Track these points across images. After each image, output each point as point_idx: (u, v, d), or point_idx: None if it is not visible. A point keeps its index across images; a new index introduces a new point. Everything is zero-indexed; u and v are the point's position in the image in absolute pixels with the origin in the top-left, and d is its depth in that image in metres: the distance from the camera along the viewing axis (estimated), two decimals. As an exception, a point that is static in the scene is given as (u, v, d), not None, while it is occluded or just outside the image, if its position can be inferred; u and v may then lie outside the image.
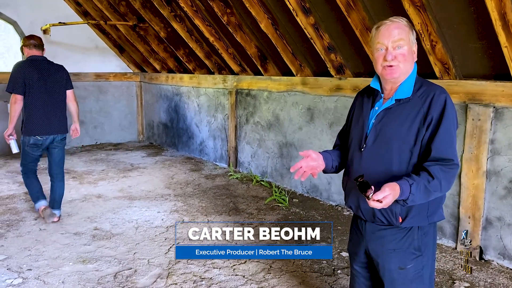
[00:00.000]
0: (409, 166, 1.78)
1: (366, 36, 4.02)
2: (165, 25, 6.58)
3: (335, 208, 4.79)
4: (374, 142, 1.85)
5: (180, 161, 7.11)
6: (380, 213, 1.83)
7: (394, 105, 1.82)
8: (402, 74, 1.80)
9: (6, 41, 10.48)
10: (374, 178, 1.77)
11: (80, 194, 5.21)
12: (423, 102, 1.78)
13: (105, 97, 8.60)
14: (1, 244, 3.75)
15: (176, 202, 4.93)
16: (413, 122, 1.77)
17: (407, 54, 1.79)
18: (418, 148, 1.77)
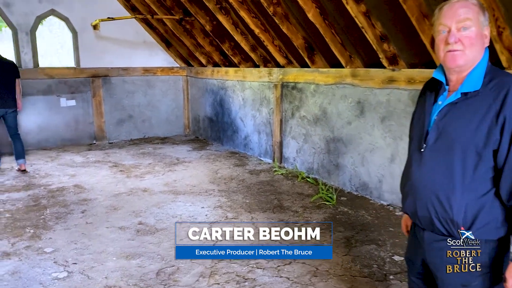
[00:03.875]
0: (475, 174, 1.51)
1: (423, 23, 3.73)
2: (210, 18, 6.51)
3: (386, 208, 4.52)
4: (436, 142, 1.59)
5: (224, 155, 7.05)
6: (439, 222, 1.60)
7: (460, 100, 1.55)
8: (468, 61, 1.53)
9: (60, 37, 10.89)
10: (435, 185, 1.55)
11: (126, 188, 5.25)
12: (495, 96, 1.48)
13: (153, 91, 8.70)
14: (49, 237, 3.81)
15: (220, 198, 4.85)
16: (483, 120, 1.48)
17: (475, 38, 1.51)
18: (488, 154, 1.49)
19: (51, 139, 7.75)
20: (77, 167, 6.28)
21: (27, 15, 7.33)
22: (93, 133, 8.17)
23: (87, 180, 5.61)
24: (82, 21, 7.76)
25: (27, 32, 7.36)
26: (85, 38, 7.85)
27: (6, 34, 15.74)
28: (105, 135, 8.29)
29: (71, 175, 5.84)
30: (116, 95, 8.31)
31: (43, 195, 4.99)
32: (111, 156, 7.06)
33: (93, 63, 7.97)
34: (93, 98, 8.06)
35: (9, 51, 10.16)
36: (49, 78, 7.61)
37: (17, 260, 3.36)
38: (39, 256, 3.42)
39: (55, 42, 11.68)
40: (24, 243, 3.67)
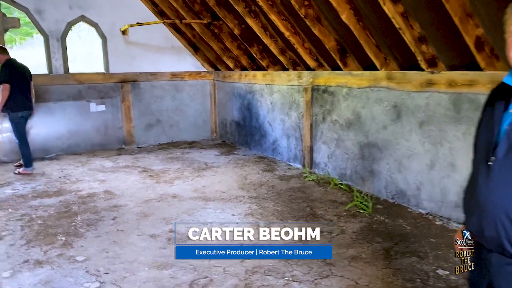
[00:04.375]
0: None
1: (466, 23, 3.54)
2: (239, 21, 6.43)
3: (425, 217, 4.31)
4: (507, 155, 1.41)
5: (253, 160, 6.95)
6: (509, 244, 1.43)
7: None
8: None
9: (89, 43, 11.03)
10: (506, 203, 1.39)
11: (156, 194, 5.21)
12: None
13: (181, 96, 8.69)
14: (81, 244, 3.78)
15: (250, 205, 4.74)
16: None
17: None
18: None
19: (82, 144, 7.82)
20: (107, 172, 6.29)
21: (58, 21, 7.42)
22: (122, 137, 8.21)
23: (117, 185, 5.60)
24: (111, 27, 7.81)
25: (58, 39, 7.46)
26: (114, 43, 7.91)
27: (38, 41, 16.13)
28: (134, 139, 8.32)
29: (101, 181, 5.85)
30: (145, 100, 8.33)
31: (74, 201, 4.99)
32: (140, 161, 7.06)
33: (122, 68, 8.02)
34: (122, 103, 8.10)
35: (40, 57, 10.36)
36: (79, 84, 7.68)
37: (50, 269, 3.33)
38: (71, 265, 3.39)
39: (84, 47, 11.88)
40: (56, 251, 3.64)
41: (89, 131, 7.88)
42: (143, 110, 8.36)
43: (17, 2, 7.12)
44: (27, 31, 15.89)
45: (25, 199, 5.08)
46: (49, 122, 7.48)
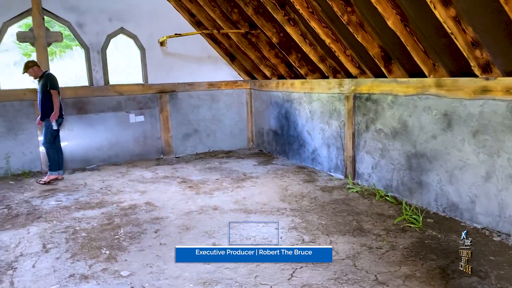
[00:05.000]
0: None
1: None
2: (277, 30, 6.34)
3: (481, 232, 4.04)
4: None
5: (292, 170, 6.81)
6: None
7: None
8: None
9: (128, 54, 11.24)
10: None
11: (197, 206, 5.16)
12: None
13: (217, 105, 8.68)
14: (125, 258, 3.76)
15: (293, 218, 4.60)
16: None
17: None
18: None
19: (121, 154, 7.92)
20: (147, 183, 6.31)
21: (98, 34, 7.57)
22: (161, 147, 8.27)
23: (158, 197, 5.59)
24: (150, 38, 7.91)
25: (98, 51, 7.61)
26: (153, 54, 7.99)
27: (77, 53, 16.61)
28: (172, 149, 8.35)
29: (141, 192, 5.86)
30: (182, 110, 8.37)
31: (116, 213, 5.01)
32: (179, 171, 7.06)
33: (160, 79, 8.09)
34: (160, 114, 8.16)
35: (79, 69, 10.61)
36: (119, 95, 7.80)
37: (95, 284, 3.30)
38: (116, 280, 3.35)
39: (123, 59, 12.13)
40: (101, 265, 3.63)
41: (129, 141, 7.98)
42: (181, 120, 8.39)
43: (60, 16, 7.31)
44: (66, 44, 16.44)
45: (69, 211, 5.14)
46: (90, 133, 7.62)
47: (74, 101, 7.41)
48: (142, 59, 8.02)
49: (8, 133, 7.00)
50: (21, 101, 7.00)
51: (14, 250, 4.02)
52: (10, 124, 7.00)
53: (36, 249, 4.02)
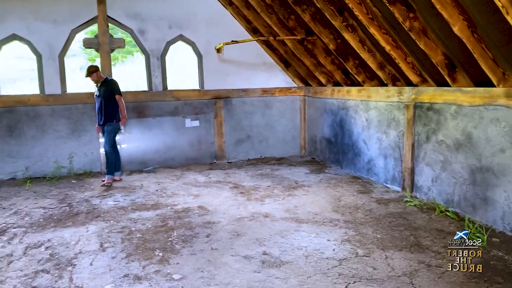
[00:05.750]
0: None
1: None
2: (334, 36, 6.23)
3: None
4: None
5: (345, 180, 6.63)
6: None
7: None
8: None
9: (185, 60, 11.53)
10: None
11: (248, 212, 5.14)
12: None
13: (270, 112, 8.67)
14: (177, 261, 3.80)
15: (347, 230, 4.46)
16: None
17: None
18: None
19: (176, 157, 8.10)
20: (200, 187, 6.40)
21: (158, 41, 7.83)
22: (214, 152, 8.37)
23: (210, 201, 5.64)
24: (207, 45, 8.06)
25: (158, 57, 7.86)
26: (209, 61, 8.14)
27: (137, 59, 17.29)
28: (225, 154, 8.44)
29: (195, 195, 5.95)
30: (236, 116, 8.44)
31: (170, 215, 5.10)
32: (231, 176, 7.11)
33: (216, 85, 8.21)
34: (215, 119, 8.28)
35: (139, 74, 11.00)
36: (176, 100, 8.00)
37: (148, 286, 3.36)
38: (168, 283, 3.39)
39: (180, 65, 12.47)
40: (154, 267, 3.69)
41: (184, 145, 8.15)
42: (234, 126, 8.46)
43: (123, 23, 7.63)
44: (128, 50, 17.19)
45: (125, 211, 5.30)
46: (148, 136, 7.87)
47: (134, 105, 7.69)
48: (199, 65, 8.18)
49: (72, 134, 7.38)
50: (85, 104, 7.37)
51: (74, 247, 4.19)
52: (74, 126, 7.39)
53: (94, 247, 4.18)
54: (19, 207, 5.60)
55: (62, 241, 4.36)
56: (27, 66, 13.09)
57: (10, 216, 5.23)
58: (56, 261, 3.86)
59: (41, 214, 5.28)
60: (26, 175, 7.20)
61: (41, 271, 3.67)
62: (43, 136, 7.28)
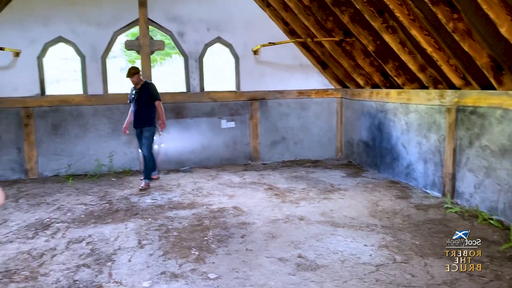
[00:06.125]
0: None
1: None
2: (374, 38, 6.13)
3: None
4: None
5: (383, 184, 6.49)
6: None
7: None
8: None
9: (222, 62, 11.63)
10: None
11: (283, 214, 5.13)
12: None
13: (306, 113, 8.62)
14: (212, 261, 3.84)
15: (384, 236, 4.36)
16: None
17: None
18: None
19: (212, 158, 8.19)
20: (235, 188, 6.44)
21: (197, 43, 7.95)
22: (249, 153, 8.41)
23: (245, 202, 5.67)
24: (244, 47, 8.12)
25: (196, 59, 7.98)
26: (246, 62, 8.19)
27: (175, 61, 17.62)
28: (260, 156, 8.46)
29: (230, 196, 5.99)
30: (271, 118, 8.44)
31: (206, 215, 5.16)
32: (265, 178, 7.11)
33: (252, 87, 8.25)
34: (250, 120, 8.31)
35: (178, 76, 11.19)
36: (213, 101, 8.09)
37: (184, 284, 3.41)
38: (204, 282, 3.43)
39: (217, 66, 12.60)
40: (190, 266, 3.74)
41: (219, 146, 8.23)
42: (269, 127, 8.47)
43: (163, 26, 7.80)
44: (166, 52, 17.53)
45: (163, 210, 5.41)
46: (185, 136, 8.00)
47: (172, 106, 7.84)
48: (236, 67, 8.25)
49: (113, 133, 7.61)
50: (125, 105, 7.57)
51: (113, 243, 4.32)
52: (114, 126, 7.61)
53: (132, 244, 4.28)
54: (62, 203, 5.82)
55: (102, 237, 4.50)
56: (70, 67, 13.61)
57: (53, 211, 5.45)
58: (96, 256, 3.99)
59: (82, 210, 5.47)
60: (68, 172, 7.49)
61: (82, 265, 3.80)
62: (86, 135, 7.54)
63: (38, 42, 7.28)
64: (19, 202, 5.87)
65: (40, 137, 7.39)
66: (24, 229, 4.79)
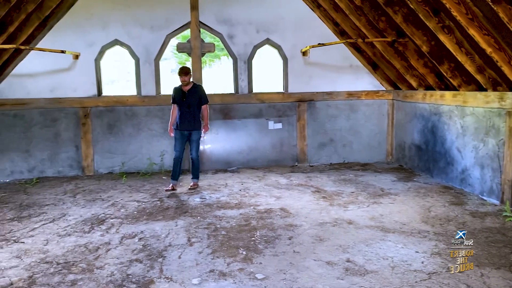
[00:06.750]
0: None
1: None
2: (428, 38, 5.92)
3: None
4: None
5: (436, 190, 6.25)
6: None
7: None
8: None
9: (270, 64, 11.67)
10: None
11: (330, 217, 5.07)
12: None
13: (356, 115, 8.46)
14: (259, 261, 3.86)
15: (437, 243, 4.20)
16: None
17: None
18: None
19: (259, 159, 8.24)
20: (282, 189, 6.44)
21: (246, 45, 8.03)
22: (296, 155, 8.38)
23: (292, 204, 5.66)
24: (293, 48, 8.11)
25: (245, 61, 8.06)
26: (294, 64, 8.17)
27: (223, 62, 17.90)
28: (306, 158, 8.40)
29: (276, 197, 6.00)
30: (319, 119, 8.36)
31: (253, 215, 5.20)
32: (313, 180, 7.06)
33: (300, 88, 8.22)
34: (297, 122, 8.28)
35: (226, 78, 11.35)
36: (261, 103, 8.14)
37: (232, 283, 3.46)
38: (251, 282, 3.46)
39: (265, 68, 12.66)
40: (238, 265, 3.79)
41: (266, 147, 8.26)
42: (317, 129, 8.40)
43: (214, 28, 7.94)
44: (215, 54, 17.86)
45: (211, 209, 5.51)
46: (233, 137, 8.10)
47: (221, 107, 7.97)
48: (284, 68, 8.25)
49: (164, 133, 7.83)
50: (176, 105, 7.78)
51: (164, 240, 4.45)
52: (166, 126, 7.81)
53: (182, 241, 4.39)
54: (116, 199, 6.07)
55: (153, 233, 4.65)
56: (123, 69, 14.16)
57: (108, 207, 5.69)
58: (148, 252, 4.12)
59: (135, 207, 5.68)
60: (122, 170, 7.79)
61: (135, 260, 3.94)
62: (139, 135, 7.82)
63: (96, 45, 7.63)
64: (77, 198, 6.19)
65: (96, 136, 7.74)
66: (81, 223, 5.04)
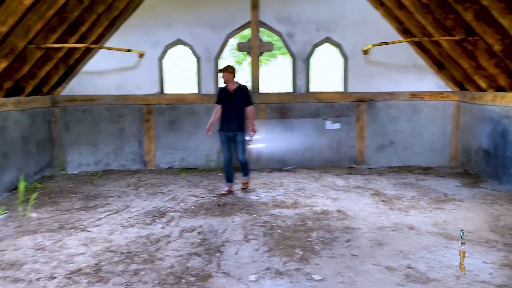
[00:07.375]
0: None
1: None
2: (502, 36, 5.56)
3: None
4: None
5: (505, 198, 5.87)
6: None
7: None
8: None
9: (329, 63, 11.54)
10: None
11: (390, 222, 4.91)
12: None
13: (418, 117, 8.14)
14: (316, 262, 3.82)
15: (507, 254, 3.94)
16: None
17: None
18: None
19: (315, 159, 8.15)
20: (339, 191, 6.33)
21: (305, 43, 7.97)
22: (353, 156, 8.20)
23: (349, 206, 5.54)
24: (354, 47, 7.94)
25: (304, 60, 8.00)
26: (355, 63, 8.00)
27: (280, 61, 17.90)
28: (365, 159, 8.20)
29: (333, 199, 5.91)
30: (379, 120, 8.13)
31: (309, 216, 5.15)
32: (371, 182, 6.87)
33: (360, 88, 8.03)
34: (356, 122, 8.10)
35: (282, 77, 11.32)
36: (318, 102, 8.04)
37: (289, 282, 3.45)
38: (308, 282, 3.43)
39: (324, 67, 12.52)
40: (294, 265, 3.77)
41: (323, 147, 8.15)
42: (377, 130, 8.17)
43: (273, 27, 7.96)
44: (272, 53, 17.92)
45: (267, 207, 5.53)
46: (289, 136, 8.06)
47: (278, 106, 7.97)
48: (344, 67, 8.10)
49: (222, 131, 7.96)
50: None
51: (221, 235, 4.52)
52: (224, 123, 7.96)
53: (238, 237, 4.44)
54: (176, 193, 6.26)
55: (211, 228, 4.74)
56: (183, 67, 14.56)
57: (168, 201, 5.88)
58: (206, 246, 4.21)
59: (193, 201, 5.82)
60: (181, 166, 8.03)
61: (194, 253, 4.04)
62: (198, 132, 8.00)
63: (160, 44, 7.91)
64: (139, 191, 6.45)
65: (158, 132, 8.03)
66: (143, 215, 5.24)
